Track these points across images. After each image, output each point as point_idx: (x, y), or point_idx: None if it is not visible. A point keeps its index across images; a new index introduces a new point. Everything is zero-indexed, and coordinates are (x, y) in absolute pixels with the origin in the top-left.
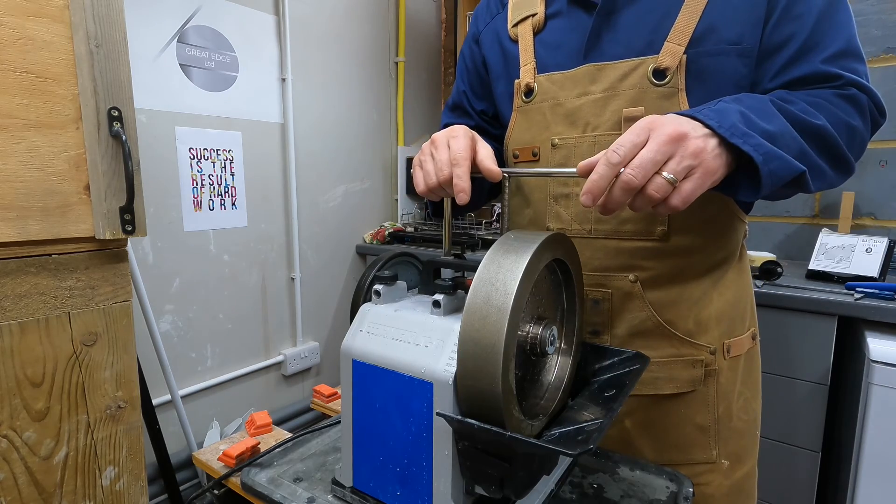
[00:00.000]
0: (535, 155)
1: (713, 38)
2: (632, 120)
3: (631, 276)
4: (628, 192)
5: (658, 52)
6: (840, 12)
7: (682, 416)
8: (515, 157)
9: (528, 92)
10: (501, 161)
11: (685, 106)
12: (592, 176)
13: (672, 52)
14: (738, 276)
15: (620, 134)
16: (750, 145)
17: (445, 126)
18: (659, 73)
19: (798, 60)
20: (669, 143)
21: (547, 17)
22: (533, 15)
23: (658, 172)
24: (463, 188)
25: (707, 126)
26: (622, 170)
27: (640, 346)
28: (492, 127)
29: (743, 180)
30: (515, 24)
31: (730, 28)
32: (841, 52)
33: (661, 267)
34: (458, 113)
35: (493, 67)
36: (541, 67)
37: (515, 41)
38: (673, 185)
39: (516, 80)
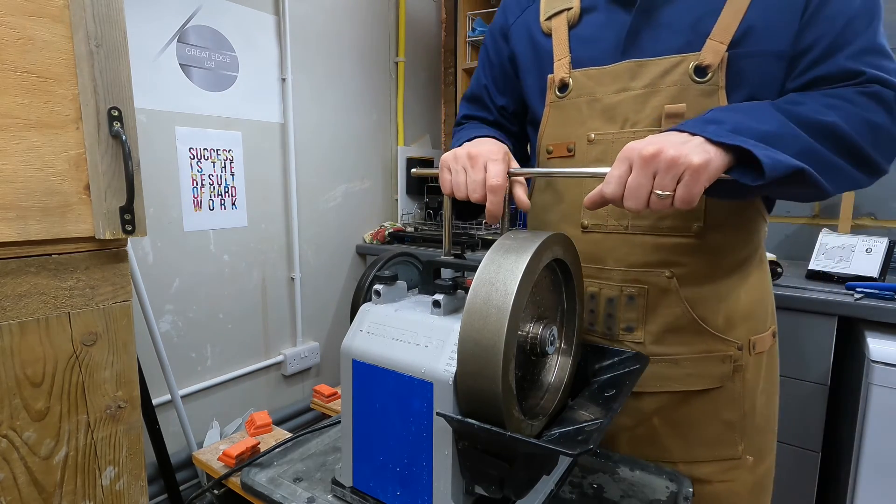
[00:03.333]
0: (570, 151)
1: (753, 40)
2: (673, 116)
3: (667, 272)
4: (638, 213)
5: (699, 50)
6: (871, 9)
7: (709, 412)
8: (549, 152)
9: (563, 87)
10: (520, 159)
11: (724, 103)
12: (596, 206)
13: (714, 49)
14: (760, 273)
15: (660, 130)
16: (738, 140)
17: (464, 117)
18: (700, 71)
19: (823, 60)
20: (647, 165)
21: (582, 12)
22: (568, 9)
23: (653, 191)
24: (496, 216)
25: (690, 133)
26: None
27: (673, 341)
28: (510, 123)
29: (738, 169)
30: (549, 18)
31: (770, 31)
32: (865, 49)
33: (696, 263)
34: (476, 106)
35: (523, 62)
36: (576, 62)
37: (548, 35)
38: (668, 197)
39: (549, 75)
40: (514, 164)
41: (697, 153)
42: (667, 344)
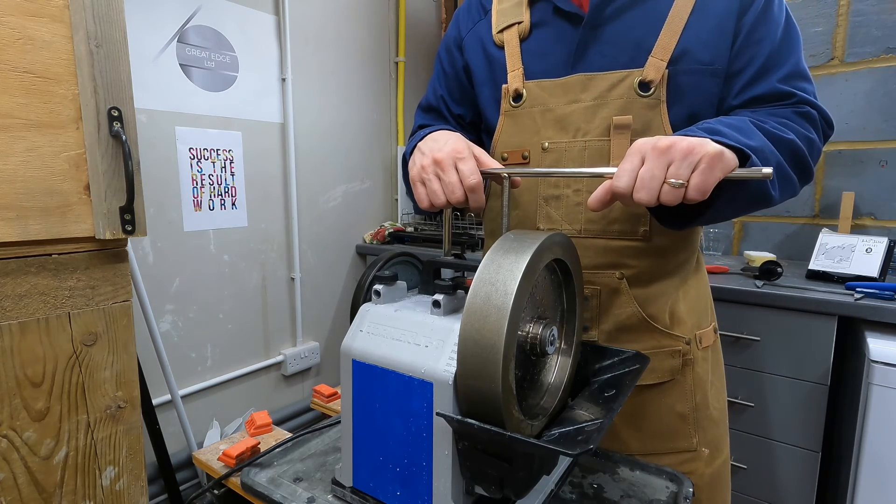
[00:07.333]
0: (525, 158)
1: (689, 59)
2: (621, 127)
3: (617, 273)
4: (650, 206)
5: (642, 66)
6: (792, 37)
7: (662, 404)
8: (504, 159)
9: (517, 97)
10: None
11: (666, 116)
12: (603, 205)
13: (656, 66)
14: (698, 274)
15: (609, 140)
16: (742, 145)
17: (420, 127)
18: (644, 85)
19: (758, 80)
20: (662, 155)
21: (532, 26)
22: (519, 23)
23: (665, 182)
24: (480, 209)
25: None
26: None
27: (625, 339)
28: (467, 132)
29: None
30: (500, 31)
31: (704, 51)
32: (792, 73)
33: (643, 265)
34: (433, 115)
35: (477, 73)
36: (528, 74)
37: (500, 47)
38: (682, 186)
39: (504, 85)
40: (478, 150)
41: (712, 144)
42: (620, 342)
